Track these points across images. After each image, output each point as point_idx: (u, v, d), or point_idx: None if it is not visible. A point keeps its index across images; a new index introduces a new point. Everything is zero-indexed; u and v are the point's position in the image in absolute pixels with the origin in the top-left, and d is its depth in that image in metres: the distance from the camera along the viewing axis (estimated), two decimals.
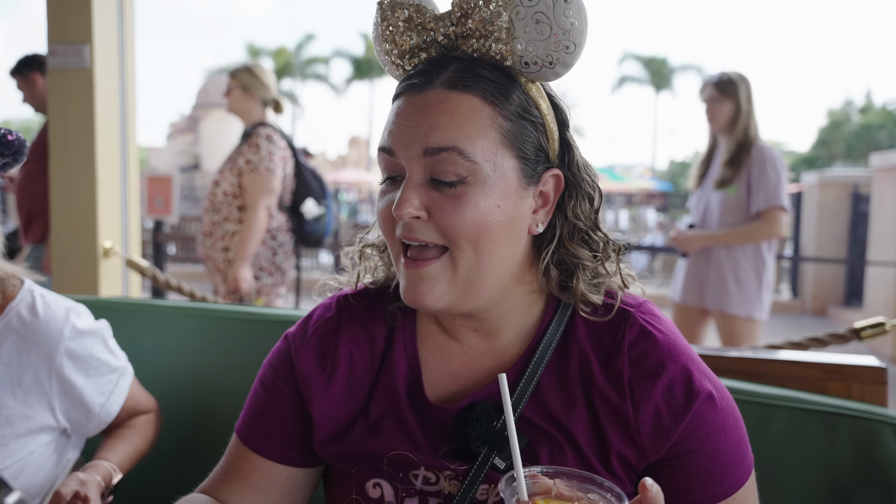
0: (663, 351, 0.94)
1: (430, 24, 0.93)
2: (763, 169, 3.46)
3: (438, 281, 0.91)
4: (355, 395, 1.03)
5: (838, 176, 10.80)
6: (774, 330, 8.96)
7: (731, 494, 0.92)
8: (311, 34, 37.74)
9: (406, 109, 0.92)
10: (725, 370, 1.46)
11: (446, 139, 0.88)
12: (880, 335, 1.92)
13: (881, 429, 1.29)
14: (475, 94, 0.90)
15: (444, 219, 0.89)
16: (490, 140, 0.90)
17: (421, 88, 0.92)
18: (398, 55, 0.96)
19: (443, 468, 0.95)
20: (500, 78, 0.92)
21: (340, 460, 1.02)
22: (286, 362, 1.08)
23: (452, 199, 0.89)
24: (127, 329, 1.74)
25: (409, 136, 0.90)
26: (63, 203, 2.70)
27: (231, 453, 1.09)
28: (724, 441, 0.93)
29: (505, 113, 0.91)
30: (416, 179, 0.90)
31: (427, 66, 0.94)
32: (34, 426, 1.32)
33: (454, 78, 0.91)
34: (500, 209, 0.90)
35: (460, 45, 0.93)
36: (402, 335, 1.05)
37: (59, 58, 2.63)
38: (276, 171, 3.63)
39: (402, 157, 0.91)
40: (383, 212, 0.95)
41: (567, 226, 0.98)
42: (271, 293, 3.81)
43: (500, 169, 0.90)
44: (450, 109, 0.89)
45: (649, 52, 46.38)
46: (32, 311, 1.33)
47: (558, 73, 0.93)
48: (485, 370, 1.01)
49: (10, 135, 1.20)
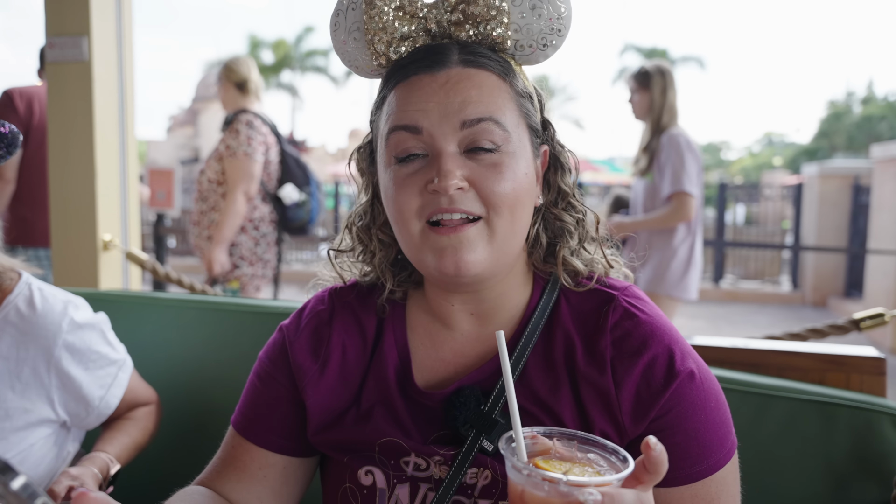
0: (646, 331, 0.95)
1: (421, 12, 0.95)
2: (668, 155, 3.63)
3: (477, 245, 0.92)
4: (348, 385, 1.04)
5: (839, 167, 10.79)
6: (774, 321, 8.97)
7: (709, 475, 0.93)
8: (310, 26, 37.57)
9: (427, 88, 0.92)
10: (724, 361, 1.46)
11: (482, 110, 0.91)
12: (880, 326, 1.92)
13: (879, 419, 1.29)
14: (492, 70, 0.94)
15: (489, 187, 0.91)
16: (513, 111, 0.95)
17: (437, 68, 0.93)
18: (385, 43, 0.96)
19: (432, 454, 0.97)
20: (501, 59, 0.97)
21: (333, 449, 1.03)
22: (281, 353, 1.10)
23: (491, 167, 0.91)
24: (127, 322, 1.74)
25: (441, 112, 0.91)
26: (62, 196, 2.70)
27: (228, 445, 1.10)
28: (704, 421, 0.93)
29: (516, 88, 0.96)
30: (452, 151, 0.91)
31: (427, 50, 0.95)
32: (33, 419, 1.32)
33: (467, 58, 0.94)
34: (527, 176, 0.95)
35: (452, 33, 0.96)
36: (392, 325, 1.07)
37: (56, 50, 2.62)
38: (255, 156, 3.64)
39: (432, 133, 0.91)
40: (407, 193, 0.92)
41: (552, 194, 1.05)
42: (250, 284, 3.82)
43: (522, 139, 0.95)
44: (477, 84, 0.92)
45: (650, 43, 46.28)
46: (30, 304, 1.33)
47: (548, 54, 0.99)
48: (475, 356, 1.02)
49: (3, 127, 1.21)
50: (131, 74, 2.85)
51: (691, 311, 9.64)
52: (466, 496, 0.95)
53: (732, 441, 0.97)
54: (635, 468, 0.71)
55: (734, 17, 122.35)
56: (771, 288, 11.34)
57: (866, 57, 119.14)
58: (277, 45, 37.95)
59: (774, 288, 11.36)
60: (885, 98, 34.62)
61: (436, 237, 0.92)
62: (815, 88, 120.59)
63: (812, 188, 10.71)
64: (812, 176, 10.84)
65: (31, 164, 3.60)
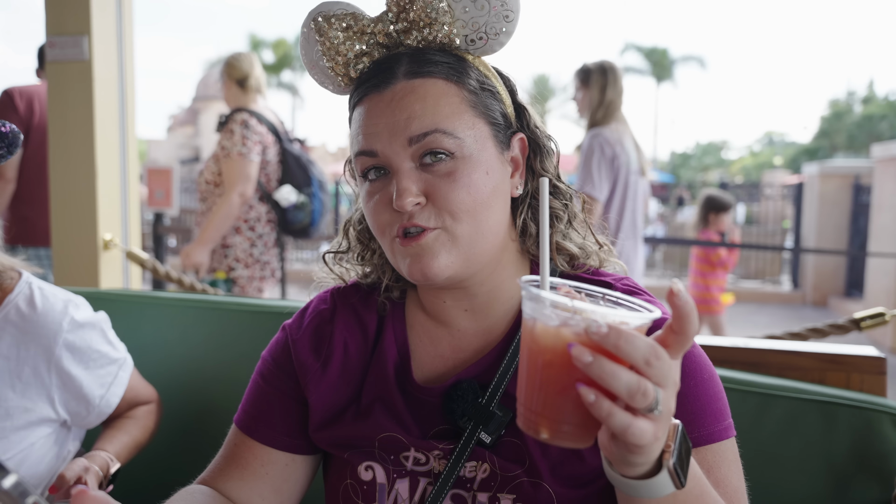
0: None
1: (368, 28, 0.97)
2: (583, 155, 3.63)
3: (439, 252, 0.93)
4: (349, 382, 1.06)
5: (840, 167, 10.78)
6: (774, 321, 8.97)
7: (702, 444, 0.91)
8: None
9: (376, 108, 0.95)
10: (725, 360, 1.46)
11: (427, 124, 0.92)
12: (880, 325, 1.92)
13: (880, 418, 1.29)
14: (437, 76, 0.95)
15: (443, 197, 0.92)
16: (464, 114, 0.94)
17: (384, 85, 0.95)
18: (343, 65, 0.99)
19: (431, 448, 0.98)
20: (452, 59, 0.97)
21: (334, 446, 1.04)
22: (284, 351, 1.11)
23: (446, 176, 0.92)
24: (127, 321, 1.74)
25: (390, 132, 0.93)
26: (63, 195, 2.70)
27: (230, 443, 1.11)
28: (696, 390, 0.93)
29: (468, 87, 0.96)
30: (407, 168, 0.93)
31: (377, 66, 0.97)
32: (34, 418, 1.32)
33: (412, 68, 0.95)
34: (488, 176, 0.95)
35: (403, 41, 0.98)
36: (391, 324, 1.08)
37: (57, 49, 2.62)
38: (251, 156, 3.54)
39: (386, 154, 0.93)
40: (378, 208, 0.96)
41: (536, 180, 1.04)
42: (249, 286, 3.72)
43: (480, 139, 0.95)
44: (421, 96, 0.93)
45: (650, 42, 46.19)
46: (31, 303, 1.33)
47: (502, 41, 0.98)
48: (472, 350, 1.04)
49: (4, 126, 1.21)
50: (132, 74, 2.85)
51: None
52: (465, 489, 0.96)
53: (729, 424, 0.95)
54: (662, 332, 0.67)
55: (735, 17, 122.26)
56: (771, 287, 11.34)
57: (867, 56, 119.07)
58: (278, 45, 37.94)
59: (775, 287, 11.36)
60: (886, 97, 34.58)
61: (402, 248, 0.95)
62: (816, 88, 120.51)
63: (812, 188, 10.71)
64: (813, 175, 10.83)
65: (32, 163, 3.60)
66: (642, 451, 0.66)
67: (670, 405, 0.66)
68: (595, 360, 0.62)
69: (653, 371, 0.63)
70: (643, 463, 0.69)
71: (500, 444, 0.96)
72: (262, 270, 3.77)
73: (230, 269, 3.69)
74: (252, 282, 3.74)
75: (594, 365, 0.62)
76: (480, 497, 0.95)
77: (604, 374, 0.62)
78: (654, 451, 0.68)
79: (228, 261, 3.67)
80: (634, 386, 0.62)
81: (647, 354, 0.63)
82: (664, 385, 0.65)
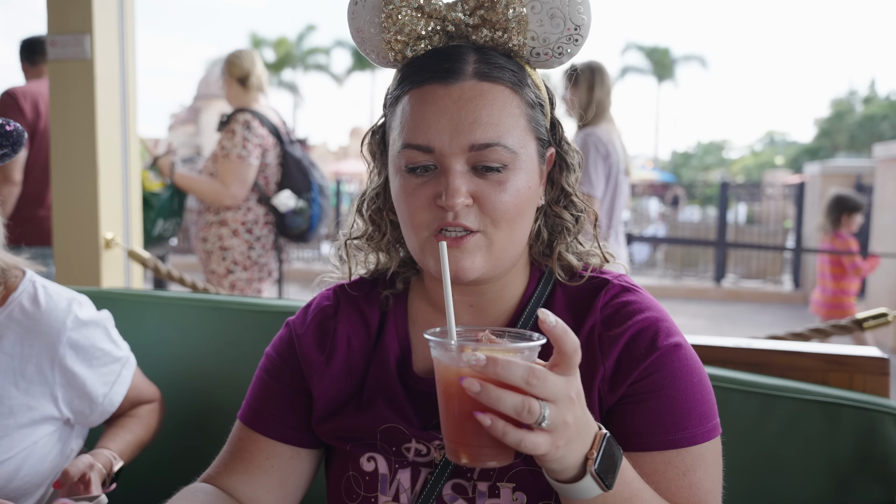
0: (635, 308, 0.99)
1: (439, 13, 0.95)
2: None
3: (476, 255, 0.95)
4: (351, 375, 1.08)
5: (841, 166, 10.78)
6: (776, 321, 8.96)
7: (684, 446, 0.93)
8: (311, 24, 37.59)
9: (440, 102, 0.93)
10: (727, 361, 1.46)
11: (491, 135, 0.92)
12: (882, 326, 1.92)
13: (882, 419, 1.29)
14: (505, 83, 0.95)
15: (491, 204, 0.94)
16: (521, 128, 0.96)
17: (452, 80, 0.93)
18: (403, 43, 0.96)
19: (432, 439, 1.00)
20: (515, 66, 0.97)
21: (336, 438, 1.06)
22: (288, 346, 1.13)
23: (496, 184, 0.94)
24: (129, 320, 1.74)
25: (452, 131, 0.92)
26: (65, 194, 2.70)
27: (235, 438, 1.12)
28: (683, 391, 0.95)
29: (526, 100, 0.97)
30: (460, 169, 0.93)
31: (442, 55, 0.95)
32: (37, 416, 1.32)
33: (482, 69, 0.94)
34: (530, 189, 0.97)
35: (469, 34, 0.96)
36: (393, 318, 1.10)
37: (59, 48, 2.62)
38: (250, 160, 3.50)
39: (443, 152, 0.93)
40: (416, 204, 0.95)
41: (554, 192, 1.07)
42: (248, 288, 3.69)
43: (529, 153, 0.97)
44: (489, 102, 0.93)
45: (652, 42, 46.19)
46: (34, 301, 1.33)
47: (563, 61, 0.99)
48: None
49: (9, 125, 1.20)
50: (133, 72, 2.85)
51: (693, 311, 9.64)
52: (465, 479, 0.98)
53: (715, 425, 0.97)
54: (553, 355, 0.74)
55: (736, 16, 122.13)
56: (772, 287, 11.33)
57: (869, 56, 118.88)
58: (279, 44, 37.93)
59: (776, 287, 11.35)
60: (888, 97, 34.54)
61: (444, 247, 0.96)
62: (818, 87, 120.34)
63: (814, 187, 10.69)
64: (814, 175, 10.82)
65: (38, 164, 3.59)
66: (547, 460, 0.75)
67: (563, 417, 0.73)
68: (483, 388, 0.71)
69: (535, 389, 0.71)
70: (563, 469, 0.77)
71: None
72: (261, 272, 3.74)
73: (228, 272, 3.67)
74: (251, 284, 3.71)
75: (482, 393, 0.71)
76: (480, 486, 0.97)
77: (490, 399, 0.71)
78: (566, 459, 0.75)
79: (227, 263, 3.65)
80: (519, 405, 0.70)
81: (526, 376, 0.71)
82: (553, 399, 0.72)
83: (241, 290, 3.68)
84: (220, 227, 3.64)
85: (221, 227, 3.64)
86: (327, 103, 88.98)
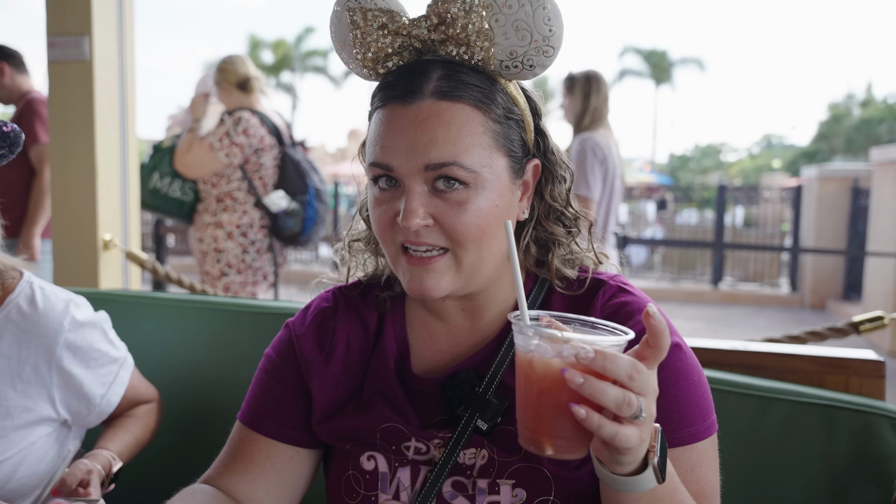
0: (634, 308, 1.00)
1: (404, 30, 0.95)
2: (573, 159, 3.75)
3: (444, 275, 0.96)
4: (350, 376, 1.09)
5: (838, 170, 10.79)
6: (773, 324, 8.97)
7: (689, 443, 0.96)
8: (310, 27, 37.56)
9: (398, 122, 0.94)
10: (723, 363, 1.47)
11: (446, 154, 0.91)
12: (879, 329, 1.92)
13: (879, 422, 1.29)
14: (466, 102, 0.93)
15: (451, 224, 0.94)
16: (484, 146, 0.94)
17: (410, 99, 0.93)
18: (372, 60, 0.97)
19: (431, 437, 1.01)
20: (484, 82, 0.95)
21: (336, 438, 1.07)
22: (288, 347, 1.14)
23: (455, 204, 0.93)
24: (127, 321, 1.74)
25: (408, 151, 0.92)
26: (63, 195, 2.70)
27: (235, 439, 1.13)
28: (687, 389, 0.97)
29: (493, 116, 0.95)
30: (418, 190, 0.93)
31: (407, 73, 0.96)
32: (34, 417, 1.32)
33: (443, 87, 0.93)
34: (497, 207, 0.96)
35: (437, 49, 0.95)
36: (391, 320, 1.11)
37: (58, 49, 2.62)
38: (219, 153, 3.50)
39: (400, 172, 0.94)
40: (383, 220, 0.97)
41: (543, 206, 1.06)
42: (242, 291, 3.69)
43: (495, 170, 0.95)
44: (445, 122, 0.92)
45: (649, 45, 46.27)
46: (32, 302, 1.33)
47: (537, 73, 0.97)
48: (469, 345, 1.07)
49: (6, 126, 1.20)
50: (132, 74, 2.85)
51: (690, 313, 9.65)
52: (465, 476, 0.99)
53: (713, 420, 1.00)
54: (640, 346, 0.77)
55: (734, 19, 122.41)
56: (770, 290, 11.34)
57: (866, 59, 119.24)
58: (277, 46, 37.92)
59: (773, 290, 11.36)
60: (885, 101, 34.62)
61: (405, 263, 0.97)
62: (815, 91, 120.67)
63: (811, 191, 10.71)
64: (811, 178, 10.83)
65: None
66: (630, 453, 0.76)
67: (651, 410, 0.76)
68: (586, 380, 0.72)
69: (635, 384, 0.73)
70: (631, 462, 0.78)
71: (497, 433, 0.99)
72: (255, 276, 3.73)
73: (222, 275, 3.67)
74: (245, 287, 3.71)
75: (585, 385, 0.72)
76: (480, 483, 0.98)
77: (594, 391, 0.72)
78: (641, 452, 0.77)
79: (221, 265, 3.65)
80: (620, 399, 0.72)
81: (630, 370, 0.73)
82: (645, 394, 0.74)
83: (235, 293, 3.68)
84: (216, 229, 3.64)
85: (217, 228, 3.64)
86: (325, 105, 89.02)
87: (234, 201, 3.63)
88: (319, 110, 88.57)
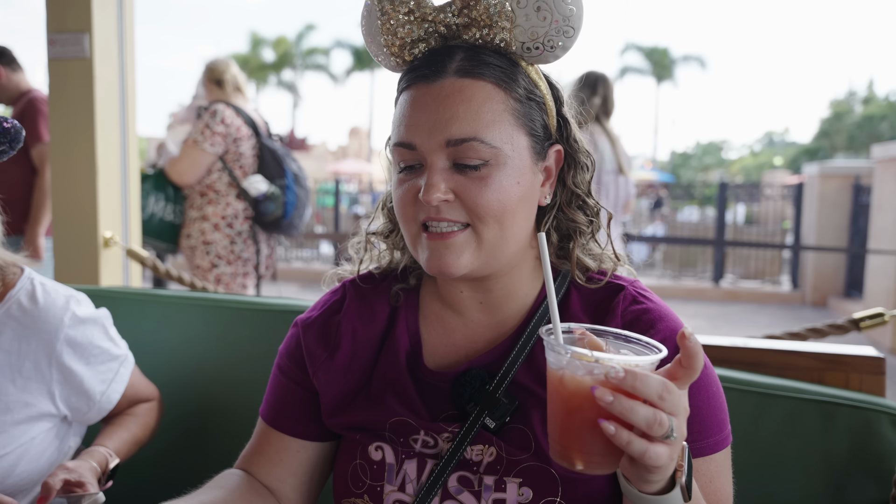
0: (655, 316, 1.00)
1: (430, 15, 0.97)
2: None
3: (464, 251, 0.97)
4: (358, 369, 1.10)
5: (840, 167, 10.77)
6: (774, 321, 8.97)
7: (707, 454, 0.97)
8: (311, 24, 37.54)
9: (421, 101, 0.96)
10: (724, 360, 1.47)
11: (467, 130, 0.93)
12: (879, 326, 1.92)
13: (879, 418, 1.29)
14: (487, 79, 0.95)
15: (472, 200, 0.95)
16: (506, 123, 0.96)
17: (434, 78, 0.96)
18: (399, 47, 0.99)
19: (440, 431, 1.01)
20: (506, 63, 0.98)
21: (347, 429, 1.08)
22: (296, 344, 1.16)
23: (477, 180, 0.95)
24: (128, 319, 1.74)
25: (430, 128, 0.94)
26: (63, 193, 2.70)
27: (257, 433, 1.18)
28: (707, 400, 0.97)
29: (515, 95, 0.97)
30: (440, 166, 0.95)
31: (432, 56, 0.98)
32: (34, 413, 1.32)
33: (465, 66, 0.96)
34: (519, 185, 0.97)
35: (461, 35, 0.98)
36: (404, 313, 1.12)
37: (58, 47, 2.62)
38: (204, 145, 3.63)
39: (423, 149, 0.95)
40: (405, 198, 0.98)
41: (566, 193, 1.07)
42: (233, 283, 3.77)
43: (517, 148, 0.97)
44: (467, 98, 0.94)
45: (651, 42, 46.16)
46: (32, 298, 1.33)
47: (558, 55, 0.99)
48: (484, 341, 1.07)
49: (6, 122, 1.20)
50: (133, 72, 2.84)
51: (691, 311, 9.64)
52: (472, 472, 0.99)
53: (729, 431, 1.01)
54: (672, 366, 0.76)
55: (736, 17, 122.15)
56: (771, 287, 11.33)
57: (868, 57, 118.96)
58: (278, 43, 37.91)
59: (774, 287, 11.35)
60: (886, 98, 34.56)
61: (426, 241, 0.98)
62: (816, 88, 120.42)
63: (812, 188, 10.70)
64: (813, 176, 10.82)
65: None
66: (659, 471, 0.76)
67: (683, 430, 0.76)
68: (615, 399, 0.71)
69: (666, 404, 0.73)
70: (659, 480, 0.78)
71: (507, 431, 1.00)
72: (245, 267, 3.82)
73: (213, 266, 3.72)
74: (235, 278, 3.78)
75: (615, 403, 0.71)
76: (487, 480, 0.98)
77: (623, 410, 0.71)
78: (669, 471, 0.77)
79: (211, 257, 3.72)
80: (651, 418, 0.72)
81: (660, 390, 0.72)
82: (676, 413, 0.74)
83: (227, 284, 3.75)
84: (202, 222, 3.72)
85: (203, 221, 3.72)
86: (326, 103, 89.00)
87: (217, 193, 3.73)
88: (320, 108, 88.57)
